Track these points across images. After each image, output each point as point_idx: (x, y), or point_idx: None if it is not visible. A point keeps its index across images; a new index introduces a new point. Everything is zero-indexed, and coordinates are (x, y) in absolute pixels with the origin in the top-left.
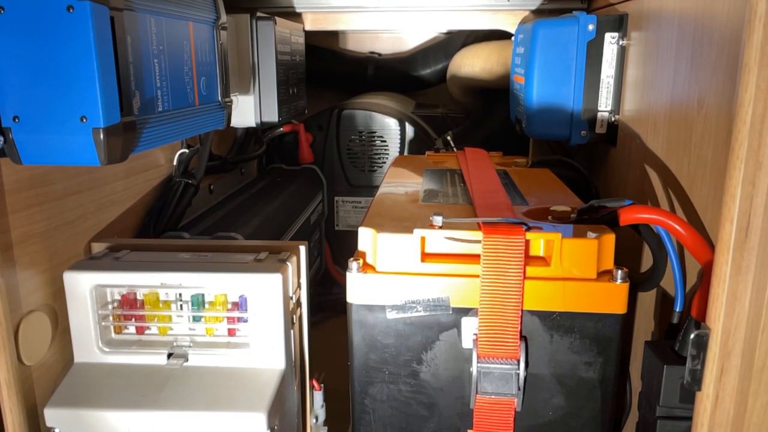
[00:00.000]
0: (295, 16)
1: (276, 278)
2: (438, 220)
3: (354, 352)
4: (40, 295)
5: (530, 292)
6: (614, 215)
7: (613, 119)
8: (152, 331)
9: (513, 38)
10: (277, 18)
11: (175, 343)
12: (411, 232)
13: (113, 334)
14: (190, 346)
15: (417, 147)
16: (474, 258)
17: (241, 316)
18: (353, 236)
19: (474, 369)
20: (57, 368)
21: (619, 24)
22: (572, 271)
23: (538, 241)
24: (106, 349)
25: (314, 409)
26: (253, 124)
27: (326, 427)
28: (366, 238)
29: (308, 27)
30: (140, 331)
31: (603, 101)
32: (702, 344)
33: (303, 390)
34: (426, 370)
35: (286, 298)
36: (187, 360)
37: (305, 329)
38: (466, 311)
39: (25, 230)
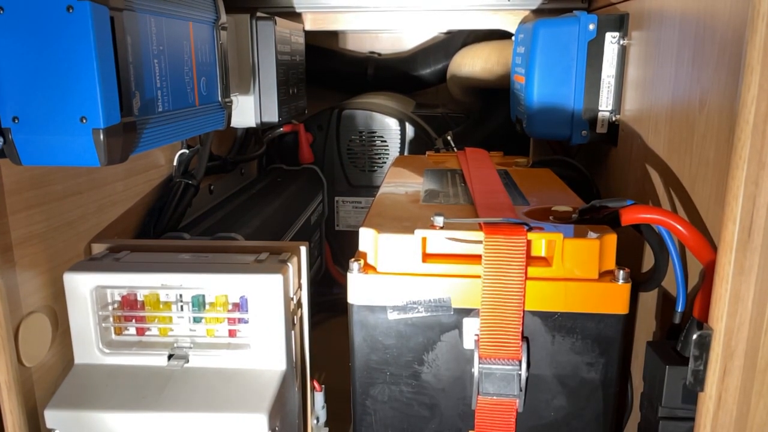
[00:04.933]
0: (295, 16)
1: (277, 279)
2: (439, 220)
3: (355, 352)
4: (40, 296)
5: (532, 293)
6: (616, 215)
7: (613, 119)
8: (153, 332)
9: (513, 38)
10: (277, 18)
11: (175, 344)
12: (412, 232)
13: (113, 336)
14: (190, 347)
15: (417, 147)
16: (475, 258)
17: (242, 317)
18: (353, 236)
19: (475, 370)
20: (57, 369)
21: (620, 23)
22: (574, 272)
23: (540, 242)
24: (107, 351)
25: (315, 410)
26: (253, 124)
27: (327, 428)
28: (367, 238)
29: (308, 27)
30: (141, 332)
31: (604, 101)
32: (704, 345)
33: (304, 391)
34: (427, 371)
35: (287, 299)
36: (187, 361)
37: (306, 330)
38: (468, 312)
39: (25, 231)
